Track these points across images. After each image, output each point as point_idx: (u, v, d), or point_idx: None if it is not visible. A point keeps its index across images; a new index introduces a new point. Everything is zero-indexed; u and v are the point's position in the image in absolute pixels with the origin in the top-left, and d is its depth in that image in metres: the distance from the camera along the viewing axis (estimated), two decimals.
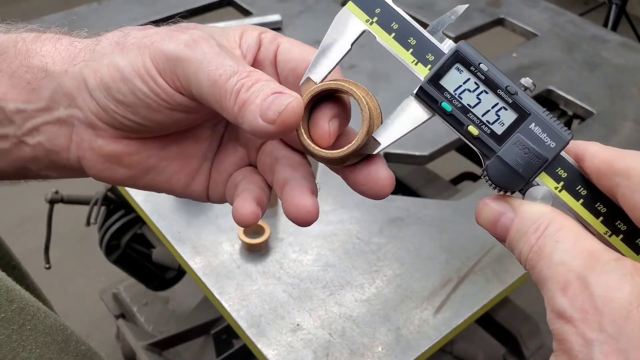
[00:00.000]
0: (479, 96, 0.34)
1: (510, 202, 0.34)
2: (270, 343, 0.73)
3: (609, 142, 1.08)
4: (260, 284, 0.79)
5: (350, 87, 0.35)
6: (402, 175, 1.25)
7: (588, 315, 0.28)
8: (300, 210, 0.36)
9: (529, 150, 0.34)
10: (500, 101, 0.34)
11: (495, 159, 0.34)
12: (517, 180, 0.34)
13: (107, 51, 0.36)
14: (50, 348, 0.39)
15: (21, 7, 3.20)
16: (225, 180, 0.40)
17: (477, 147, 0.35)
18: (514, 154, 0.34)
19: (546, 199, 0.34)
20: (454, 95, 0.35)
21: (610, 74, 1.20)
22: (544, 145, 0.34)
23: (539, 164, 0.34)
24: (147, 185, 0.40)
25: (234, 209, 0.37)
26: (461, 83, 0.35)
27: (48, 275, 1.46)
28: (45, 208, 1.40)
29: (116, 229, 1.38)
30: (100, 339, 1.77)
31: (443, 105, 0.35)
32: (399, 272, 0.82)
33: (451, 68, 0.35)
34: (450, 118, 0.35)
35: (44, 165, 0.40)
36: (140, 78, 0.34)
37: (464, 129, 0.35)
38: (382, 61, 1.18)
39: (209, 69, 0.33)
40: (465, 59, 0.35)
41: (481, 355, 1.28)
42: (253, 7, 1.37)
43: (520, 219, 0.33)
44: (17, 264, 0.51)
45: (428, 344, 0.74)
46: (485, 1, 1.37)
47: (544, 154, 0.33)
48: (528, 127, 0.34)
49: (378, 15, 0.36)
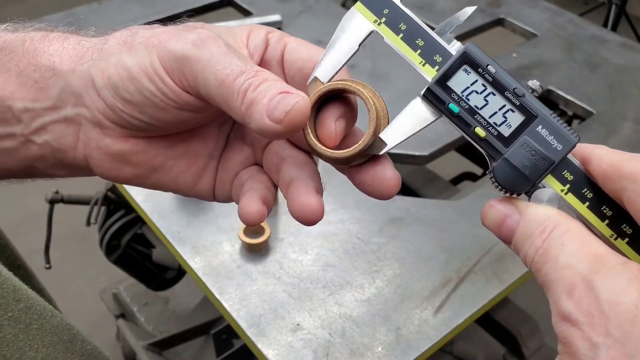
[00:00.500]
0: (486, 98, 0.34)
1: (516, 204, 0.34)
2: (270, 343, 0.73)
3: (608, 142, 1.08)
4: (260, 283, 0.79)
5: (357, 87, 0.35)
6: (402, 175, 1.24)
7: (594, 319, 0.28)
8: (304, 209, 0.36)
9: (536, 152, 0.34)
10: (507, 103, 0.34)
11: (502, 160, 0.34)
12: (524, 183, 0.34)
13: (114, 50, 0.36)
14: (57, 347, 0.40)
15: (21, 7, 3.20)
16: (231, 179, 0.40)
17: (484, 149, 0.35)
18: (520, 156, 0.34)
19: (552, 202, 0.34)
20: (461, 97, 0.35)
21: (610, 74, 1.20)
22: (550, 147, 0.34)
23: (545, 166, 0.34)
24: (154, 184, 0.40)
25: (240, 208, 0.37)
26: (469, 85, 0.35)
27: (48, 275, 1.46)
28: (45, 208, 1.40)
29: (116, 229, 1.38)
30: (101, 338, 1.77)
31: (450, 106, 0.35)
32: (399, 272, 0.82)
33: (459, 69, 0.35)
34: (458, 119, 0.35)
35: (51, 164, 0.40)
36: (147, 77, 0.34)
37: (471, 130, 0.35)
38: (382, 61, 1.18)
39: (216, 69, 0.33)
40: (474, 60, 0.35)
41: (481, 355, 1.28)
42: (253, 7, 1.37)
43: (526, 221, 0.33)
44: (23, 263, 0.51)
45: (428, 343, 0.74)
46: (485, 1, 1.37)
47: (551, 157, 0.34)
48: (535, 129, 0.34)
49: (386, 15, 0.36)
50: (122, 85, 0.35)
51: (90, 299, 1.84)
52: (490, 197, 0.35)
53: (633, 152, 0.33)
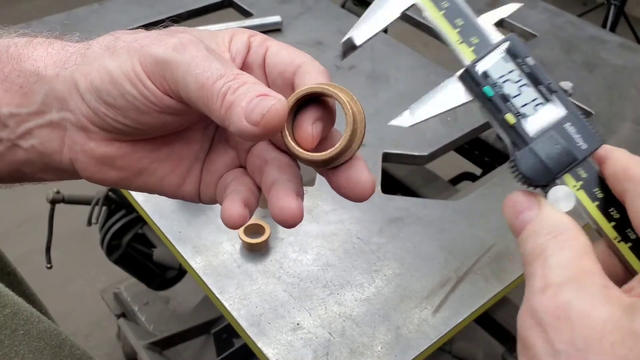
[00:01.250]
0: (520, 88, 0.35)
1: (540, 201, 0.35)
2: (271, 342, 0.73)
3: (607, 143, 1.08)
4: (260, 283, 0.80)
5: (335, 91, 0.35)
6: (402, 175, 1.26)
7: (560, 324, 0.29)
8: (284, 212, 0.36)
9: (562, 147, 0.34)
10: (539, 96, 0.35)
11: (527, 149, 0.35)
12: (545, 174, 0.34)
13: (97, 55, 0.36)
14: (44, 353, 0.40)
15: (22, 8, 3.20)
16: (216, 181, 0.41)
17: (510, 136, 0.35)
18: (546, 148, 0.34)
19: (569, 199, 0.35)
20: (497, 83, 0.36)
21: (609, 75, 1.21)
22: (575, 145, 0.35)
23: (568, 161, 0.34)
24: (140, 186, 0.41)
25: (222, 210, 0.38)
26: (506, 72, 0.36)
27: (49, 275, 1.47)
28: (46, 208, 1.40)
29: (117, 229, 1.39)
30: (101, 338, 1.77)
31: (485, 89, 0.36)
32: (398, 272, 0.82)
33: (499, 56, 0.36)
34: (490, 103, 0.36)
35: (38, 168, 0.40)
36: (129, 81, 0.35)
37: (501, 116, 0.35)
38: (382, 62, 1.19)
39: (196, 72, 0.34)
40: (515, 50, 0.36)
41: (480, 354, 1.29)
42: (253, 8, 1.38)
43: (541, 219, 0.34)
44: (13, 270, 0.52)
45: (427, 343, 0.74)
46: (485, 2, 1.37)
47: (575, 154, 0.34)
48: (562, 125, 0.35)
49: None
50: (105, 89, 0.35)
51: (91, 299, 1.84)
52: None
53: (632, 152, 0.34)
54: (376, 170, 0.96)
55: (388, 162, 1.01)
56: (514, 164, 0.35)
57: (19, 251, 1.81)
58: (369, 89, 1.12)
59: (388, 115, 1.13)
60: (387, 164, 1.04)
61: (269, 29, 1.27)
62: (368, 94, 1.11)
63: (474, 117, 1.07)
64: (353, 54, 0.38)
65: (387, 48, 1.22)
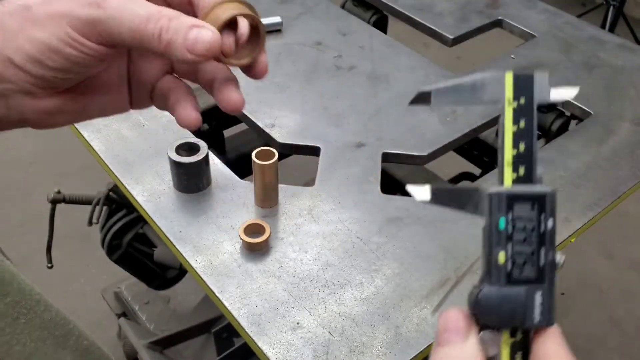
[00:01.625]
0: (526, 239, 0.36)
1: (470, 333, 0.37)
2: (271, 341, 0.74)
3: (607, 143, 1.09)
4: (260, 282, 0.80)
5: (250, 13, 0.43)
6: (402, 175, 1.26)
7: None
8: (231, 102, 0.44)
9: (521, 309, 0.36)
10: (535, 258, 0.36)
11: (497, 289, 0.36)
12: (493, 319, 0.36)
13: (15, 28, 0.39)
14: (47, 342, 0.40)
15: None
16: (149, 91, 0.47)
17: (490, 268, 0.37)
18: (510, 300, 0.36)
19: (494, 347, 0.37)
20: (514, 222, 0.36)
21: (608, 75, 1.21)
22: (531, 314, 0.36)
23: (518, 322, 0.36)
24: (86, 118, 0.47)
25: (180, 117, 0.44)
26: (526, 219, 0.36)
27: (50, 274, 1.47)
28: (47, 208, 1.41)
29: (118, 229, 1.39)
30: (102, 337, 1.78)
31: (501, 219, 0.36)
32: (398, 272, 0.83)
33: (531, 202, 0.36)
34: (494, 234, 0.36)
35: None
36: (68, 45, 0.39)
37: (495, 250, 0.36)
38: (382, 63, 1.19)
39: (129, 21, 0.38)
40: (547, 204, 0.36)
41: None
42: None
43: (461, 348, 0.36)
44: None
45: (427, 342, 0.75)
46: (484, 3, 1.38)
47: (526, 321, 0.36)
48: (534, 291, 0.36)
49: (520, 102, 0.38)
50: (46, 57, 0.39)
51: (92, 298, 1.85)
52: None
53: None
54: (376, 170, 0.97)
55: (388, 162, 1.01)
56: (479, 291, 0.36)
57: (19, 251, 1.81)
58: (369, 89, 1.12)
59: (388, 115, 1.13)
60: (387, 164, 1.04)
61: (269, 30, 1.28)
62: (368, 94, 1.11)
63: (474, 118, 1.07)
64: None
65: (387, 48, 1.22)
